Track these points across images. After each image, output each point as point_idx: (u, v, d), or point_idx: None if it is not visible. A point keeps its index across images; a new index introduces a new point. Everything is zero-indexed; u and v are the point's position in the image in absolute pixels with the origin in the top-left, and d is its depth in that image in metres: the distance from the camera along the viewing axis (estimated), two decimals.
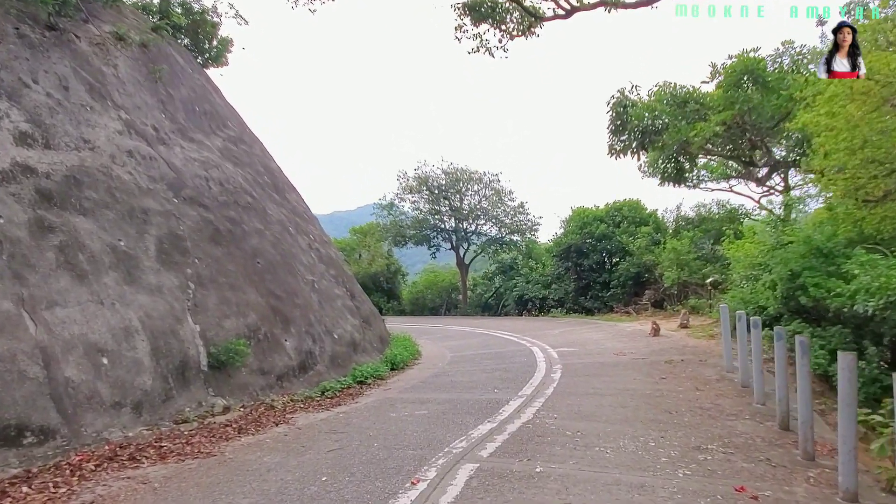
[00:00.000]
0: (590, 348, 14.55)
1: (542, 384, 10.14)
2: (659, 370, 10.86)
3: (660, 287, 23.18)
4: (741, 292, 14.41)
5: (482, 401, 8.94)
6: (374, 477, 5.36)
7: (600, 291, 26.50)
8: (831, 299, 9.88)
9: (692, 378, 10.05)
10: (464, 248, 34.70)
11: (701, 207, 24.07)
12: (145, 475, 5.49)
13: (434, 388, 10.48)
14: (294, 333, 10.75)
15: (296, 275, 12.23)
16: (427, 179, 33.10)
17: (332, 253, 16.00)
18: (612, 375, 10.63)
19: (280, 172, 16.43)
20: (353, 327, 13.31)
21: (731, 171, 20.81)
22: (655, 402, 8.43)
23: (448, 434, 6.97)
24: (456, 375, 11.75)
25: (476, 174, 33.27)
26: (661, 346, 13.81)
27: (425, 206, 33.78)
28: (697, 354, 12.34)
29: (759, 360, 8.27)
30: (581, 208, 28.64)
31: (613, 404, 8.38)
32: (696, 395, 8.81)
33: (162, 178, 10.29)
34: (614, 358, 12.65)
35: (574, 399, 8.81)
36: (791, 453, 6.17)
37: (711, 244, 23.24)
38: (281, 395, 9.32)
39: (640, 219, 26.83)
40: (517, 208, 33.50)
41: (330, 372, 11.03)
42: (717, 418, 7.56)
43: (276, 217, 13.35)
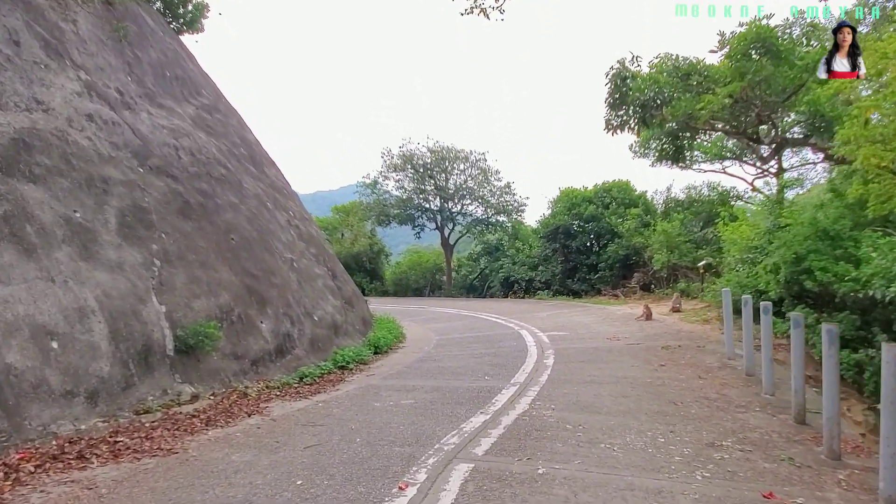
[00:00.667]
0: (581, 332, 14.03)
1: (535, 371, 9.57)
2: (657, 356, 10.34)
3: (649, 270, 22.75)
4: (737, 276, 13.96)
5: (473, 389, 8.33)
6: (356, 480, 4.72)
7: (588, 274, 26.05)
8: (839, 284, 9.41)
9: (693, 365, 9.54)
10: (449, 229, 34.01)
11: (691, 189, 23.66)
12: (93, 478, 4.78)
13: (421, 374, 9.86)
14: (271, 315, 10.04)
15: (273, 253, 11.47)
16: (412, 157, 32.24)
17: (312, 231, 15.23)
18: (607, 362, 10.09)
19: (258, 145, 15.57)
20: (334, 309, 12.62)
21: (726, 151, 20.31)
22: (658, 392, 7.89)
23: (438, 427, 6.35)
24: (443, 360, 11.14)
25: (462, 153, 32.49)
26: (655, 331, 13.33)
27: (410, 185, 32.97)
28: (694, 340, 11.86)
29: (768, 348, 7.75)
30: (569, 189, 28.06)
31: (613, 394, 7.83)
32: (700, 385, 8.29)
33: (126, 146, 9.44)
34: (608, 343, 12.13)
35: (571, 388, 8.24)
36: (813, 451, 5.65)
37: (701, 227, 22.85)
38: (256, 382, 8.63)
39: (630, 200, 26.32)
40: (503, 188, 32.84)
41: (309, 356, 10.35)
42: (726, 410, 7.03)
43: (253, 191, 12.54)
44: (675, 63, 10.95)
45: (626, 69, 11.16)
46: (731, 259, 15.16)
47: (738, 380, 8.53)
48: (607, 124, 12.06)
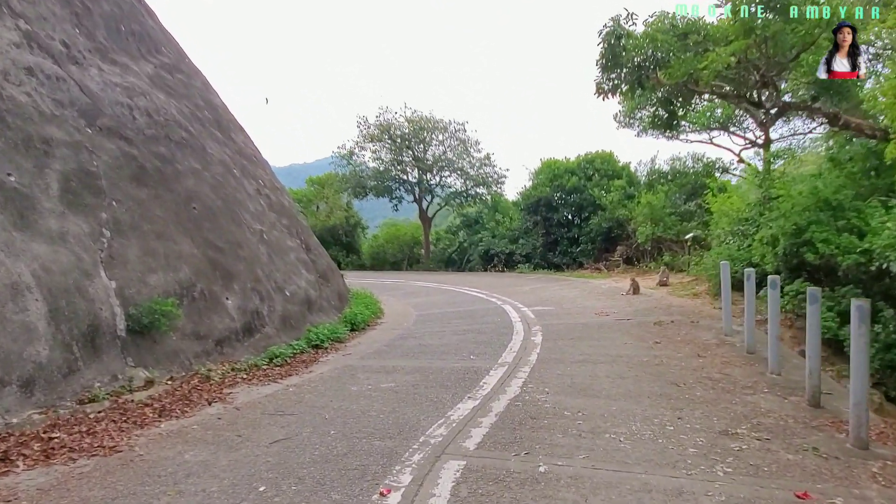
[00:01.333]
0: (567, 307, 13.48)
1: (523, 349, 8.97)
2: (650, 333, 9.82)
3: (632, 243, 22.31)
4: (728, 248, 13.50)
5: (458, 370, 7.70)
6: (329, 485, 4.05)
7: (570, 247, 25.54)
8: (843, 257, 8.93)
9: (689, 342, 9.03)
10: (427, 201, 33.16)
11: (676, 161, 23.14)
12: (14, 486, 4.03)
13: (401, 353, 9.20)
14: (237, 291, 9.24)
15: (240, 224, 10.61)
16: (389, 127, 31.17)
17: (284, 201, 14.34)
18: (599, 339, 9.53)
19: (225, 109, 14.52)
20: (307, 283, 11.85)
21: (714, 121, 19.78)
22: (657, 372, 7.34)
23: (422, 415, 5.71)
24: (424, 338, 10.49)
25: (441, 123, 31.50)
26: (645, 306, 12.83)
27: (387, 156, 31.95)
28: (686, 315, 11.38)
29: (775, 325, 7.23)
30: (551, 160, 27.35)
31: (610, 374, 7.26)
32: (700, 364, 7.77)
33: (72, 104, 8.47)
34: (597, 318, 11.58)
35: (563, 368, 7.65)
36: (836, 439, 5.12)
37: (685, 200, 22.41)
38: (220, 364, 7.88)
39: (613, 172, 25.74)
40: (483, 160, 32.00)
41: (280, 335, 9.61)
42: (733, 392, 6.50)
43: (218, 157, 11.60)
44: (672, 21, 10.22)
45: (620, 28, 10.40)
46: (721, 231, 14.70)
47: (740, 358, 8.02)
48: (598, 88, 11.32)
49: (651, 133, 21.71)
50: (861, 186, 10.22)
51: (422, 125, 31.00)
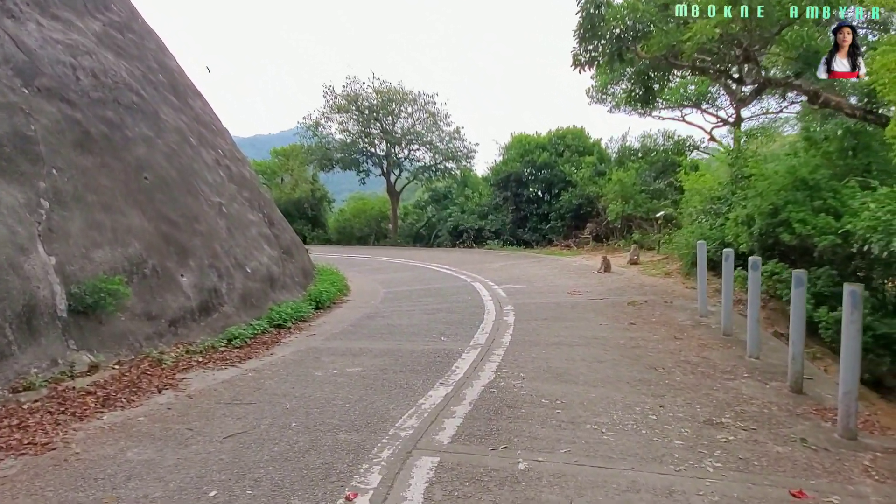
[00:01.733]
0: (538, 286, 13.23)
1: (495, 330, 8.66)
2: (625, 314, 9.61)
3: (602, 220, 22.19)
4: (700, 227, 13.38)
5: (429, 352, 7.34)
6: (289, 487, 3.65)
7: (539, 223, 25.33)
8: (820, 238, 8.81)
9: (664, 324, 8.84)
10: (395, 175, 32.49)
11: (647, 138, 22.96)
12: None
13: (368, 333, 8.79)
14: (194, 267, 8.67)
15: (197, 195, 9.97)
16: (357, 98, 30.24)
17: (245, 172, 13.65)
18: (573, 320, 9.28)
19: (181, 74, 13.65)
20: (270, 259, 11.29)
21: (687, 98, 19.63)
22: (635, 356, 7.11)
23: (391, 404, 5.33)
24: (393, 317, 10.10)
25: (410, 95, 30.72)
26: (617, 285, 12.66)
27: (354, 128, 31.06)
28: (659, 295, 11.23)
29: (755, 308, 7.05)
30: (522, 135, 26.96)
31: (587, 358, 6.99)
32: (677, 346, 7.57)
33: (6, 61, 7.68)
34: (569, 298, 11.35)
35: (539, 351, 7.36)
36: (823, 428, 4.95)
37: (654, 178, 22.34)
38: (174, 347, 7.35)
39: (584, 148, 25.50)
40: (453, 133, 31.41)
41: (240, 314, 9.09)
42: (713, 377, 6.30)
43: (173, 124, 10.86)
44: None
45: None
46: (693, 210, 14.58)
47: (717, 340, 7.85)
48: (575, 60, 10.90)
49: (624, 109, 21.51)
50: (836, 166, 10.11)
51: (390, 97, 30.19)
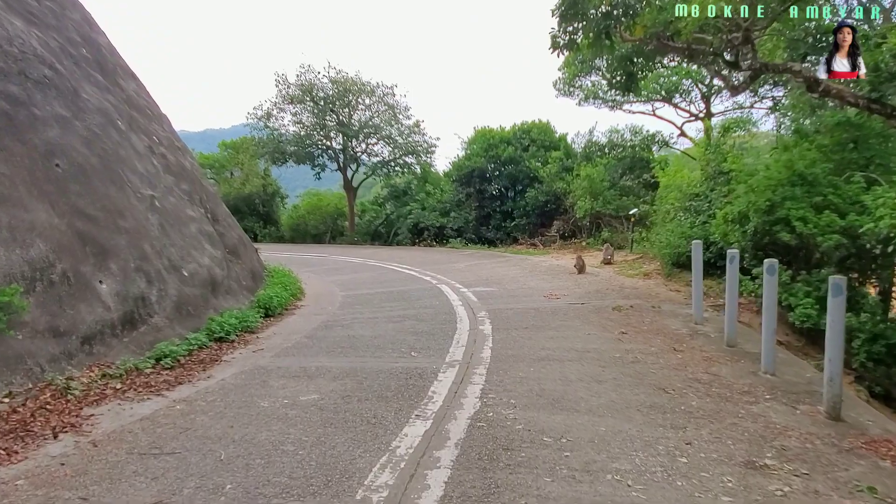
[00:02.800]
0: (510, 288, 12.25)
1: (472, 342, 7.61)
2: (612, 321, 8.70)
3: (570, 218, 21.44)
4: (679, 226, 12.66)
5: (399, 372, 6.23)
6: None
7: (504, 221, 24.43)
8: (823, 237, 8.07)
9: (659, 333, 7.96)
10: (352, 170, 31.11)
11: (614, 133, 22.33)
12: None
13: (326, 347, 7.60)
14: (116, 271, 7.31)
15: (123, 186, 8.56)
16: (311, 88, 28.71)
17: (186, 163, 12.20)
18: (557, 328, 8.31)
19: (112, 52, 12.11)
20: (212, 260, 9.95)
21: (657, 92, 19.04)
22: (636, 373, 6.17)
23: (357, 449, 4.21)
24: (354, 326, 8.93)
25: (368, 86, 29.38)
26: (595, 287, 11.78)
27: (309, 120, 29.53)
28: (643, 298, 10.39)
29: (772, 317, 6.18)
30: (486, 128, 26.00)
31: (584, 377, 6.02)
32: (680, 361, 6.67)
33: None
34: (547, 302, 10.40)
35: (526, 368, 6.34)
36: (883, 468, 4.08)
37: (621, 174, 21.72)
38: (87, 370, 6.02)
39: (551, 143, 24.71)
40: (412, 127, 30.24)
41: (174, 325, 7.77)
42: (732, 400, 5.40)
43: (97, 105, 9.39)
44: None
45: None
46: (670, 207, 13.88)
47: (721, 353, 6.99)
48: (553, 42, 9.93)
49: (593, 102, 20.86)
50: (831, 161, 9.45)
51: (347, 87, 28.79)
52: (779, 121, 17.52)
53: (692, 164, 18.62)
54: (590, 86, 21.15)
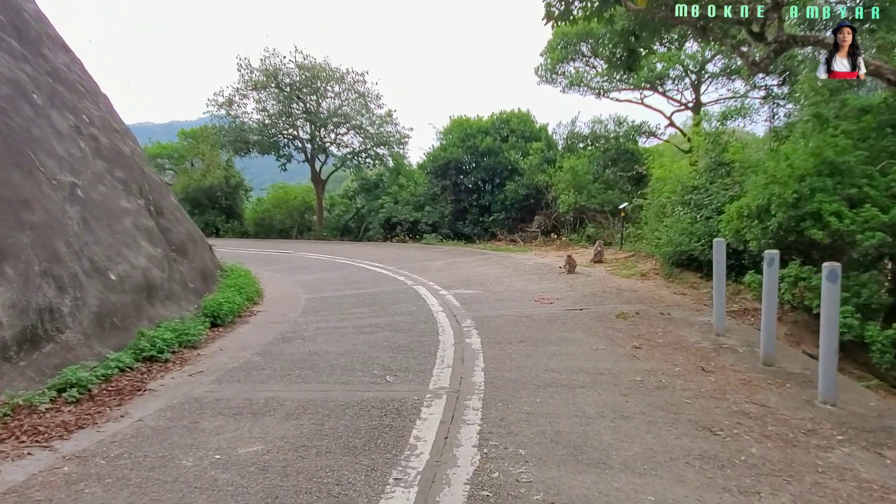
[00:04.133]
0: (496, 290, 10.99)
1: (460, 360, 6.32)
2: (619, 331, 7.48)
3: (552, 213, 20.26)
4: (679, 221, 11.55)
5: (370, 406, 4.91)
6: None
7: (481, 216, 23.16)
8: (863, 234, 6.98)
9: (677, 347, 6.77)
10: (320, 161, 29.49)
11: (597, 123, 21.23)
12: None
13: (281, 369, 6.22)
14: (13, 276, 5.81)
15: (33, 172, 7.02)
16: (276, 74, 26.98)
17: (124, 147, 10.60)
18: (558, 342, 7.06)
19: (41, 20, 10.44)
20: (150, 260, 8.46)
21: (646, 78, 17.96)
22: (667, 405, 4.95)
23: None
24: (316, 339, 7.56)
25: (338, 72, 27.76)
26: (591, 290, 10.58)
27: (274, 108, 27.79)
28: (647, 303, 9.22)
29: (833, 336, 5.02)
30: (462, 118, 24.63)
31: (603, 410, 4.77)
32: (715, 385, 5.47)
33: None
34: (540, 308, 9.15)
35: (530, 398, 5.07)
36: None
37: (604, 167, 20.64)
38: None
39: (531, 133, 23.47)
40: (385, 117, 28.74)
41: (92, 343, 6.30)
42: (802, 445, 4.21)
43: (7, 74, 7.80)
44: None
45: None
46: (666, 201, 12.78)
47: (760, 374, 5.82)
48: (548, 11, 8.72)
49: (577, 89, 19.71)
50: (857, 148, 8.39)
51: (315, 73, 27.13)
52: (773, 111, 16.65)
53: (682, 155, 17.64)
54: (573, 72, 20.01)
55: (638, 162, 19.75)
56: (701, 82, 18.72)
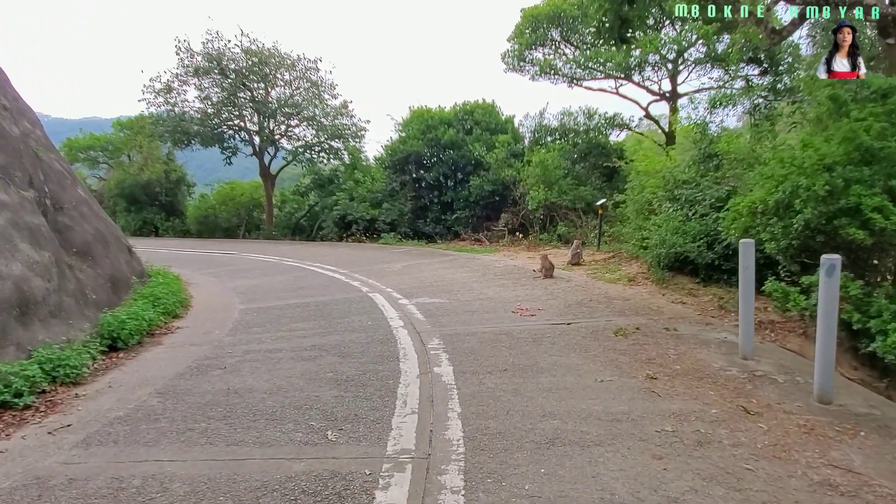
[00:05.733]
0: (464, 299, 9.47)
1: (428, 402, 4.77)
2: (623, 353, 6.05)
3: (520, 210, 18.87)
4: (669, 219, 10.27)
5: (299, 488, 3.34)
6: None
7: (443, 214, 21.63)
8: None
9: (702, 376, 5.37)
10: (269, 155, 27.45)
11: (566, 115, 19.94)
12: None
13: (182, 419, 4.55)
14: None
15: None
16: (220, 59, 24.82)
17: (12, 128, 8.67)
18: (552, 371, 5.57)
19: None
20: (29, 268, 6.64)
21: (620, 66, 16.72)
22: (723, 475, 3.52)
23: None
24: (242, 369, 5.89)
25: (288, 59, 25.78)
26: (575, 297, 9.16)
27: (217, 96, 25.61)
28: (645, 314, 7.84)
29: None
30: (423, 108, 23.00)
31: (639, 489, 3.32)
32: (773, 439, 4.07)
33: None
34: (520, 322, 7.67)
35: (532, 469, 3.57)
36: None
37: (574, 161, 19.37)
38: None
39: (497, 125, 22.03)
40: (339, 108, 26.92)
41: None
42: None
43: None
44: None
45: None
46: (652, 196, 11.51)
47: (821, 417, 4.45)
48: None
49: (548, 76, 18.36)
50: None
51: (263, 59, 25.09)
52: (753, 102, 15.64)
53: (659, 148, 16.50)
54: (542, 59, 18.65)
55: (610, 156, 18.58)
56: (678, 71, 17.63)
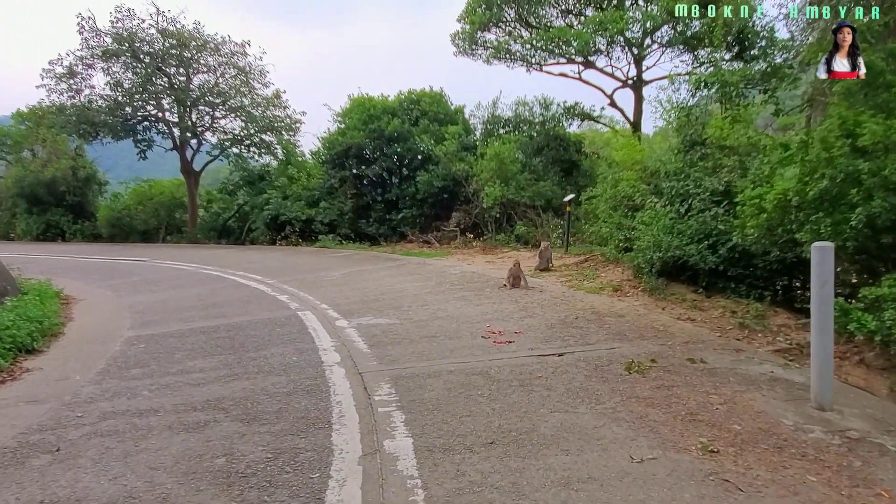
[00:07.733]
0: (419, 317, 7.56)
1: None
2: (651, 405, 4.29)
3: (473, 208, 17.11)
4: (658, 216, 8.72)
5: None
6: None
7: (388, 213, 19.64)
8: None
9: (780, 446, 3.67)
10: (192, 149, 24.72)
11: (521, 106, 18.34)
12: None
13: None
14: None
15: None
16: (132, 39, 21.98)
17: None
18: (560, 442, 3.75)
19: None
20: None
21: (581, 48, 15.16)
22: None
23: None
24: (84, 453, 3.80)
25: (212, 41, 23.17)
26: (555, 314, 7.40)
27: (130, 82, 22.72)
28: (649, 336, 6.16)
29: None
30: (364, 97, 20.91)
31: None
32: None
33: None
34: (493, 352, 5.84)
35: None
36: None
37: (531, 154, 17.76)
38: None
39: (446, 115, 20.20)
40: (271, 99, 24.51)
41: None
42: None
43: None
44: None
45: None
46: (631, 190, 9.95)
47: None
48: None
49: (504, 61, 16.69)
50: None
51: (182, 41, 22.40)
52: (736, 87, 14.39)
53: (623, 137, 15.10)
54: (496, 41, 16.98)
55: (568, 150, 17.09)
56: (644, 56, 16.28)
